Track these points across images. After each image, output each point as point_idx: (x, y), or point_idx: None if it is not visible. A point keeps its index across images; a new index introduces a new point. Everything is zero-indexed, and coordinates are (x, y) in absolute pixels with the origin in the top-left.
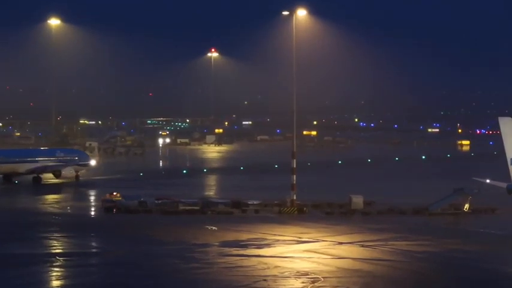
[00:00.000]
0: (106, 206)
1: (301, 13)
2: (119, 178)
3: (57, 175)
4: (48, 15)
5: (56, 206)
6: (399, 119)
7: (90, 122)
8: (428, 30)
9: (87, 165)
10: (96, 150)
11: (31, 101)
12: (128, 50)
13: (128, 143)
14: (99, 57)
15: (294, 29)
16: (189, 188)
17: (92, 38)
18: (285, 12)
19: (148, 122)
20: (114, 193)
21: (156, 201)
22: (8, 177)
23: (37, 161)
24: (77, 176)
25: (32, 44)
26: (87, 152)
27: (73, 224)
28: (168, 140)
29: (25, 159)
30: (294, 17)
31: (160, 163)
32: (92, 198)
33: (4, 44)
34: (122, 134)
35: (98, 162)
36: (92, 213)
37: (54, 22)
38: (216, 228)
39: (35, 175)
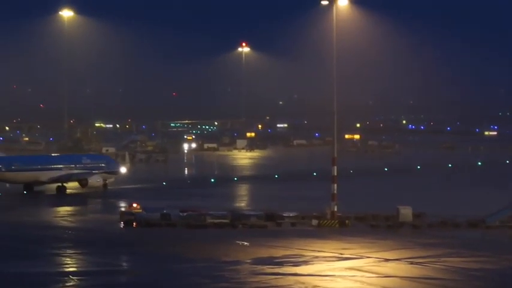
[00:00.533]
0: (125, 219)
1: (343, 2)
2: (151, 187)
3: (83, 184)
4: (60, 6)
5: (70, 219)
6: (452, 121)
7: (107, 126)
8: (486, 21)
9: (116, 173)
10: (128, 157)
11: (41, 102)
12: (149, 45)
13: (149, 148)
14: (117, 54)
15: (335, 21)
16: (218, 199)
17: (109, 32)
18: (324, 2)
19: (171, 125)
20: (134, 205)
21: (180, 214)
22: (29, 186)
23: (61, 169)
24: (104, 185)
25: (41, 38)
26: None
27: (88, 240)
28: (194, 145)
29: (48, 166)
30: (334, 7)
31: (186, 171)
32: (119, 209)
33: (11, 39)
34: (142, 138)
35: (130, 171)
36: (110, 227)
37: (66, 14)
38: (247, 243)
39: (59, 184)
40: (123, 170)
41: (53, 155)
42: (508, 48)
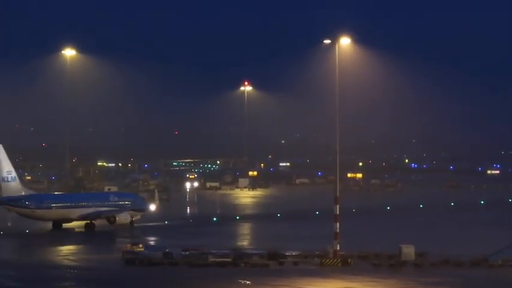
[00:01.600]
0: (127, 258)
1: (345, 42)
2: (174, 224)
3: (111, 221)
4: (62, 45)
5: (72, 257)
6: (455, 160)
7: (109, 164)
8: (488, 60)
9: (143, 210)
10: (157, 195)
11: (43, 142)
12: (151, 84)
13: (152, 187)
14: (119, 92)
15: (337, 59)
16: (220, 238)
17: (111, 70)
18: (327, 41)
19: (173, 163)
20: (136, 243)
21: (183, 253)
22: (58, 223)
23: (90, 206)
24: (131, 222)
25: (44, 77)
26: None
27: (89, 279)
28: (196, 184)
29: (78, 203)
30: (336, 46)
31: (188, 209)
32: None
33: (13, 78)
34: (144, 177)
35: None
36: (111, 266)
37: (69, 53)
38: (249, 282)
39: (88, 221)
40: (152, 207)
41: (82, 192)
42: (509, 87)
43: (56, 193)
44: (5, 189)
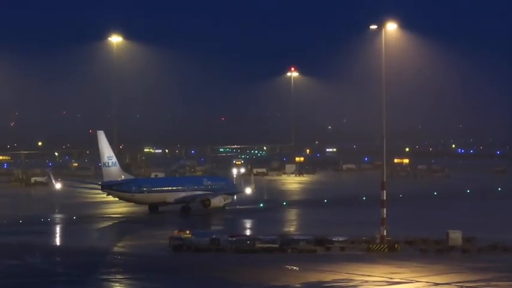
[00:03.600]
0: (174, 244)
1: (391, 27)
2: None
3: (206, 204)
4: (109, 32)
5: (120, 244)
6: (502, 145)
7: (156, 151)
8: None
9: (234, 193)
10: (253, 178)
11: (90, 128)
12: (198, 70)
13: (198, 173)
14: (166, 79)
15: (384, 45)
16: (267, 224)
17: (158, 57)
18: (373, 27)
19: (220, 150)
20: (184, 230)
21: (230, 239)
22: (155, 207)
23: (185, 190)
24: (224, 205)
25: (90, 64)
26: None
27: (136, 265)
28: (243, 170)
29: (174, 188)
30: (383, 32)
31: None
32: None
33: (61, 66)
34: (191, 163)
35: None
36: (158, 252)
37: (115, 39)
38: (297, 268)
39: (184, 205)
40: (248, 191)
41: (177, 176)
42: None
43: (153, 177)
44: (106, 174)
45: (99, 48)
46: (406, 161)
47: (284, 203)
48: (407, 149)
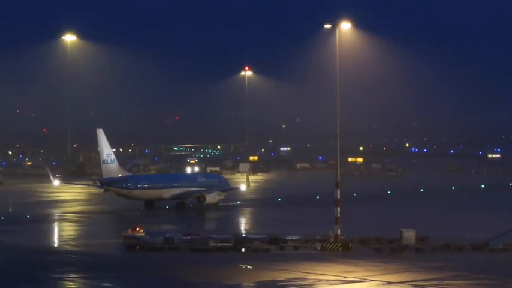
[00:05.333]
0: (128, 243)
1: (345, 26)
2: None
3: (201, 201)
4: (63, 31)
5: (72, 242)
6: (455, 144)
7: None
8: (489, 44)
9: (227, 190)
10: (247, 177)
11: (44, 127)
12: (152, 70)
13: (152, 172)
14: (120, 78)
15: (338, 44)
16: (221, 223)
17: (112, 56)
18: (327, 26)
19: (174, 149)
20: (137, 228)
21: (184, 238)
22: (151, 203)
23: (181, 186)
24: (217, 202)
25: (44, 63)
26: None
27: (89, 264)
28: (197, 169)
29: (170, 184)
30: (337, 31)
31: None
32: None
33: (14, 64)
34: (145, 162)
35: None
36: (111, 251)
37: (69, 38)
38: (251, 267)
39: (179, 201)
40: (243, 187)
41: (172, 173)
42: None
43: (150, 174)
44: (105, 171)
45: (53, 47)
46: (360, 160)
47: (238, 202)
48: (361, 148)
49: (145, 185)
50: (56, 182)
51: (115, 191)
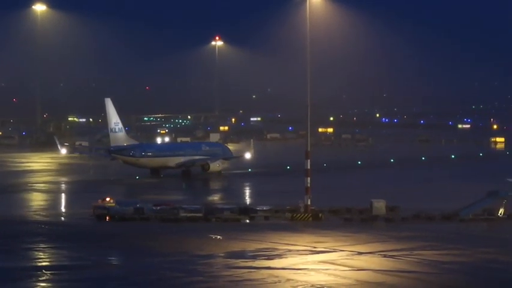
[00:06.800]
0: (97, 213)
1: None
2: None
3: (205, 169)
4: (33, 0)
5: (43, 213)
6: (426, 114)
7: (80, 120)
8: (459, 15)
9: (230, 158)
10: (252, 144)
11: (14, 97)
12: (122, 40)
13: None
14: (90, 48)
15: (308, 14)
16: (191, 193)
17: (82, 26)
18: None
19: (145, 119)
20: (107, 199)
21: (154, 208)
22: (156, 171)
23: (185, 155)
24: (220, 170)
25: (14, 33)
26: None
27: (60, 234)
28: (167, 139)
29: (175, 152)
30: (307, 1)
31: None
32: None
33: None
34: None
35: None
36: (81, 221)
37: (39, 8)
38: (221, 237)
39: (184, 169)
40: (247, 155)
41: (178, 142)
42: (482, 42)
43: (156, 143)
44: (113, 139)
45: (23, 17)
46: (330, 130)
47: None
48: (331, 118)
49: (152, 153)
50: (64, 151)
51: (122, 159)
